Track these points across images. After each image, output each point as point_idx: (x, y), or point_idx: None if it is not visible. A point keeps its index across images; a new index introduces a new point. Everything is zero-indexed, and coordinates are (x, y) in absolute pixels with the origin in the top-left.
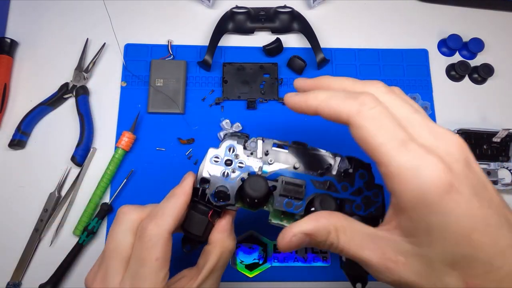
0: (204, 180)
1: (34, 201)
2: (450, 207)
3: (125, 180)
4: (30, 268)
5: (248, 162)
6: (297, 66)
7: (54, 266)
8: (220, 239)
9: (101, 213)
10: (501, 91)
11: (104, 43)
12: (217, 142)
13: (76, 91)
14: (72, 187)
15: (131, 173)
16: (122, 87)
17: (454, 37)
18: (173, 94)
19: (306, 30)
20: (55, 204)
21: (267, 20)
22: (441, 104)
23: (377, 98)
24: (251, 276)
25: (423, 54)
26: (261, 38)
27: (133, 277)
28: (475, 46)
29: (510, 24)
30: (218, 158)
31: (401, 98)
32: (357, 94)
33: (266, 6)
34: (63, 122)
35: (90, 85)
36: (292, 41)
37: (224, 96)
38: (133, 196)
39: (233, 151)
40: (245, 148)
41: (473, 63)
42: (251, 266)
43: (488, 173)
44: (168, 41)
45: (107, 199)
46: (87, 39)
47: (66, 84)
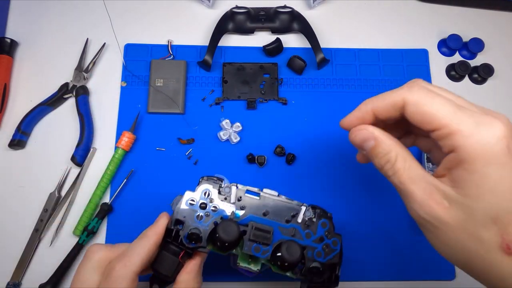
0: (178, 222)
1: (34, 201)
2: (507, 162)
3: (125, 180)
4: (30, 268)
5: (222, 207)
6: (297, 66)
7: (54, 266)
8: (187, 280)
9: (101, 213)
10: (501, 91)
11: (104, 43)
12: (217, 143)
13: (76, 91)
14: (72, 187)
15: (131, 173)
16: (122, 87)
17: (454, 37)
18: (173, 94)
19: (306, 30)
20: (55, 204)
21: (267, 20)
22: None
23: (420, 84)
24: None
25: (423, 54)
26: (261, 38)
27: None
28: (475, 46)
29: (510, 24)
30: (194, 201)
31: (450, 92)
32: (404, 85)
33: (266, 6)
34: (63, 122)
35: (90, 85)
36: (292, 41)
37: (224, 96)
38: (133, 196)
39: (208, 195)
40: (220, 193)
41: (473, 63)
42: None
43: None
44: (168, 41)
45: (107, 199)
46: (87, 39)
47: (66, 84)
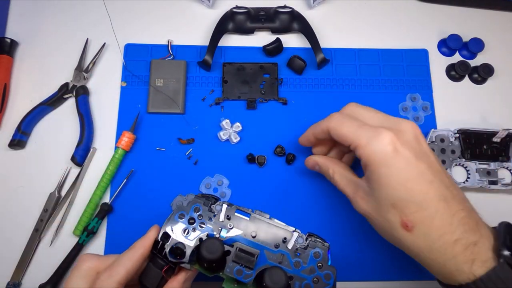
0: (166, 235)
1: (34, 201)
2: (393, 163)
3: (125, 180)
4: (30, 268)
5: (209, 224)
6: (297, 66)
7: (54, 266)
8: None
9: (101, 213)
10: (501, 91)
11: (104, 43)
12: (217, 143)
13: (76, 91)
14: (72, 187)
15: (131, 173)
16: (122, 87)
17: (454, 37)
18: (173, 94)
19: (306, 30)
20: (55, 204)
21: (267, 20)
22: (441, 104)
23: (342, 112)
24: None
25: (423, 54)
26: (261, 38)
27: None
28: (475, 46)
29: (510, 24)
30: (184, 216)
31: (369, 108)
32: (330, 115)
33: (266, 6)
34: (63, 122)
35: (90, 85)
36: (292, 41)
37: (224, 96)
38: (133, 196)
39: (198, 211)
40: (210, 210)
41: (473, 63)
42: None
43: (488, 173)
44: (168, 41)
45: (107, 199)
46: (87, 39)
47: (66, 84)
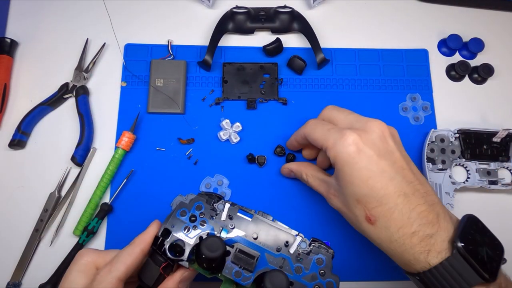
0: (166, 232)
1: (34, 201)
2: (356, 162)
3: (125, 180)
4: (30, 268)
5: (211, 223)
6: (297, 66)
7: (54, 266)
8: None
9: (101, 213)
10: (501, 91)
11: (104, 43)
12: (217, 143)
13: (76, 91)
14: (72, 187)
15: (131, 173)
16: (122, 87)
17: (454, 37)
18: (173, 94)
19: (306, 30)
20: (55, 204)
21: (267, 20)
22: (441, 104)
23: (317, 119)
24: None
25: (423, 54)
26: (261, 38)
27: None
28: (475, 46)
29: (510, 24)
30: (185, 213)
31: (343, 109)
32: (307, 121)
33: (266, 6)
34: (63, 122)
35: (90, 85)
36: (292, 41)
37: (224, 96)
38: (133, 196)
39: (200, 209)
40: (213, 209)
41: (473, 63)
42: None
43: (488, 173)
44: (168, 41)
45: (107, 199)
46: (87, 39)
47: (66, 84)
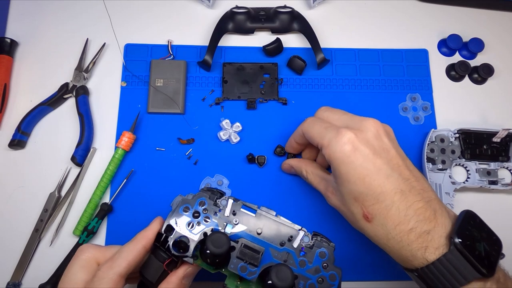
0: (170, 228)
1: (34, 201)
2: (352, 160)
3: (125, 180)
4: (30, 268)
5: (214, 219)
6: (297, 66)
7: (54, 266)
8: None
9: (101, 213)
10: (501, 91)
11: (104, 43)
12: (217, 143)
13: (76, 91)
14: (72, 187)
15: (131, 173)
16: (122, 87)
17: (454, 37)
18: (173, 94)
19: (306, 30)
20: (55, 204)
21: (267, 20)
22: (441, 104)
23: (315, 117)
24: None
25: (423, 54)
26: (261, 38)
27: None
28: (475, 46)
29: (510, 24)
30: (188, 209)
31: (337, 110)
32: (305, 119)
33: (266, 6)
34: (63, 122)
35: (90, 85)
36: (292, 41)
37: (224, 96)
38: (133, 196)
39: (203, 205)
40: (216, 205)
41: (473, 63)
42: None
43: (488, 173)
44: (168, 41)
45: (107, 199)
46: (87, 39)
47: (66, 84)
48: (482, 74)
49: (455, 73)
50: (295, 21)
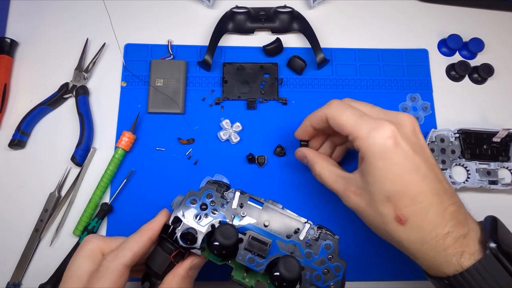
0: (177, 220)
1: (34, 201)
2: (392, 156)
3: (125, 180)
4: (30, 268)
5: (222, 211)
6: (297, 66)
7: (54, 266)
8: (169, 281)
9: (101, 213)
10: (501, 91)
11: (104, 43)
12: (217, 143)
13: (76, 91)
14: (72, 187)
15: (131, 173)
16: (122, 87)
17: (454, 37)
18: (173, 94)
19: (306, 30)
20: (55, 204)
21: (267, 20)
22: (441, 104)
23: (342, 102)
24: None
25: (423, 54)
26: (261, 38)
27: None
28: (475, 46)
29: (510, 24)
30: (195, 201)
31: (364, 102)
32: (328, 102)
33: (266, 6)
34: (63, 122)
35: (90, 85)
36: (292, 41)
37: (224, 96)
38: (133, 196)
39: (210, 198)
40: (223, 197)
41: (473, 63)
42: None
43: (488, 173)
44: (168, 41)
45: (107, 199)
46: (87, 39)
47: (66, 84)
48: (482, 74)
49: (455, 73)
50: (295, 21)
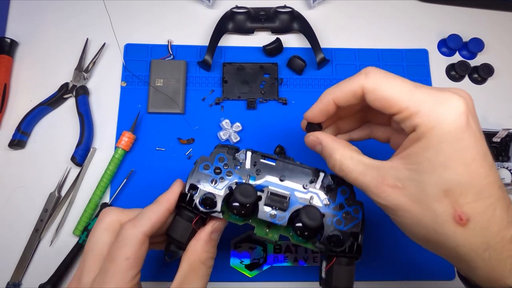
0: (193, 187)
1: (34, 201)
2: (463, 138)
3: (125, 180)
4: (30, 268)
5: (237, 172)
6: (297, 66)
7: (54, 266)
8: (193, 247)
9: None
10: (501, 91)
11: (104, 43)
12: (217, 142)
13: (76, 91)
14: (72, 187)
15: (131, 173)
16: (122, 87)
17: (454, 37)
18: (173, 94)
19: (306, 30)
20: (55, 204)
21: (267, 20)
22: None
23: (383, 70)
24: (251, 276)
25: (423, 54)
26: (261, 38)
27: (102, 274)
28: (475, 46)
29: (510, 24)
30: (208, 166)
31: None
32: (361, 71)
33: (266, 6)
34: (63, 122)
35: (90, 85)
36: (292, 41)
37: (224, 96)
38: (133, 196)
39: (223, 161)
40: (235, 159)
41: (473, 63)
42: (251, 266)
43: None
44: (168, 41)
45: (107, 199)
46: (87, 39)
47: (66, 84)
48: (482, 74)
49: (455, 73)
50: (295, 21)
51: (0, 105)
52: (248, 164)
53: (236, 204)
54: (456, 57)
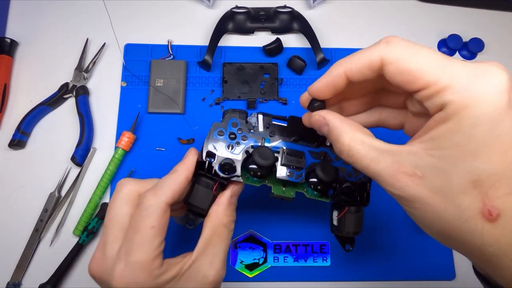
0: (210, 154)
1: (34, 201)
2: (502, 120)
3: None
4: (30, 268)
5: (251, 136)
6: (297, 66)
7: (54, 266)
8: (215, 211)
9: (101, 213)
10: None
11: (104, 43)
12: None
13: (76, 91)
14: (72, 187)
15: (131, 173)
16: (122, 87)
17: (454, 37)
18: (173, 94)
19: (306, 30)
20: (55, 204)
21: (267, 20)
22: None
23: (406, 40)
24: (251, 276)
25: None
26: (261, 38)
27: (128, 244)
28: (475, 46)
29: (510, 24)
30: (223, 132)
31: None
32: (380, 40)
33: (266, 6)
34: (63, 122)
35: (90, 85)
36: (292, 41)
37: (224, 96)
38: None
39: (236, 126)
40: (247, 122)
41: None
42: (251, 266)
43: None
44: (168, 41)
45: (107, 199)
46: (87, 39)
47: (66, 84)
48: None
49: None
50: (295, 21)
51: (0, 105)
52: (261, 127)
53: (255, 167)
54: (456, 57)
